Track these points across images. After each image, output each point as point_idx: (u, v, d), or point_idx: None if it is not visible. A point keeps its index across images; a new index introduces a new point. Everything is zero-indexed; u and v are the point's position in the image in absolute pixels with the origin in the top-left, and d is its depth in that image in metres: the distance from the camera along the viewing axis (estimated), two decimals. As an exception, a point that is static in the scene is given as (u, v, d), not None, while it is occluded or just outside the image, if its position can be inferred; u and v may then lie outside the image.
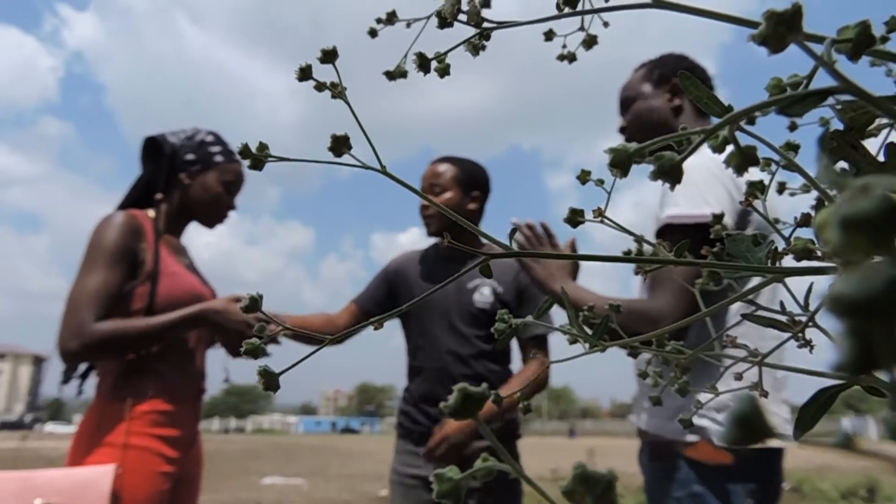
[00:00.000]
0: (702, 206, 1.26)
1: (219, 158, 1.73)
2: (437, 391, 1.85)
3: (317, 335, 0.32)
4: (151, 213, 1.67)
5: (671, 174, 0.28)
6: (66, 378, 1.61)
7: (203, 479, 1.72)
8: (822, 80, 0.29)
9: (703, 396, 0.46)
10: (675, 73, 1.54)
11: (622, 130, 1.63)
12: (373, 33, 0.37)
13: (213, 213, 1.75)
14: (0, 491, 1.35)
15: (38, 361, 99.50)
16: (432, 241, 2.02)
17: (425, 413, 1.86)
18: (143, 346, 1.52)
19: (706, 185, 1.29)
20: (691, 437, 1.30)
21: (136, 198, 1.70)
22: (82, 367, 1.63)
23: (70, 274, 1.57)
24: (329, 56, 0.32)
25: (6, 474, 1.38)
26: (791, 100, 0.28)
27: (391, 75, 0.36)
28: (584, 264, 1.61)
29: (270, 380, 0.32)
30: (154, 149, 1.72)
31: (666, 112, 1.54)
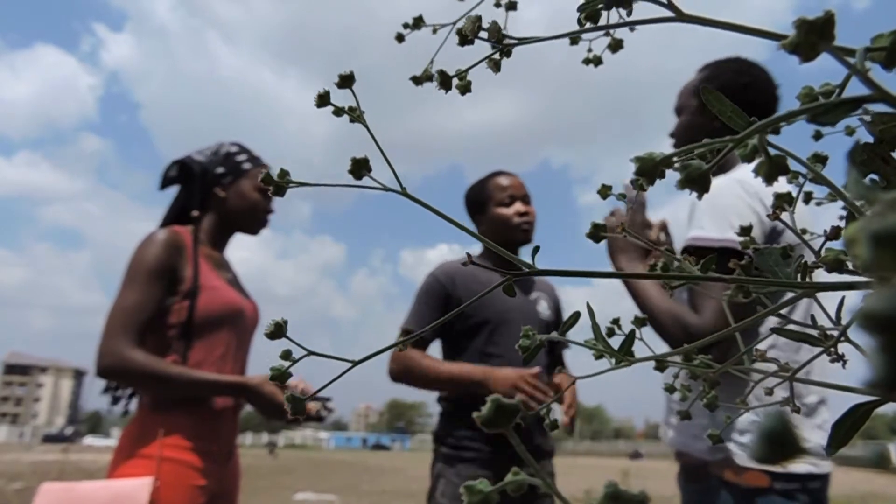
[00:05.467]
0: (727, 230, 1.26)
1: (247, 166, 1.79)
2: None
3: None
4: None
5: (698, 183, 0.27)
6: (114, 398, 1.66)
7: (236, 493, 1.73)
8: (853, 90, 0.29)
9: (741, 416, 0.45)
10: (725, 88, 1.48)
11: (672, 135, 1.61)
12: (400, 38, 0.38)
13: (253, 220, 1.79)
14: (44, 500, 1.40)
15: (79, 375, 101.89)
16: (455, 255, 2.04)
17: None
18: (172, 393, 1.55)
19: (732, 209, 1.28)
20: (721, 456, 1.28)
21: (174, 219, 1.75)
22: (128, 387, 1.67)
23: (109, 289, 1.62)
24: (346, 81, 0.33)
25: (52, 485, 1.45)
26: (824, 108, 0.28)
27: (418, 80, 0.37)
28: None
29: (297, 405, 0.33)
30: (183, 171, 1.77)
31: (705, 133, 1.51)
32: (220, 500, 1.59)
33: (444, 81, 0.35)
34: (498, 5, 0.38)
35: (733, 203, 1.29)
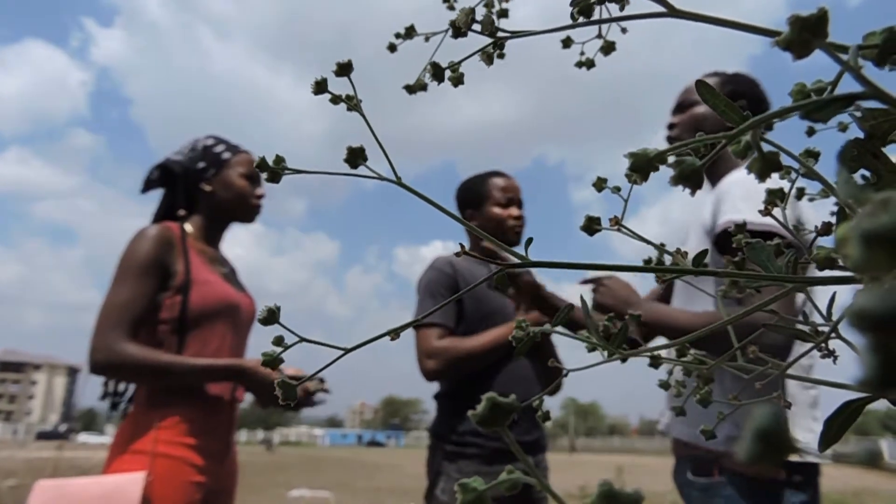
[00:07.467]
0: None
1: (226, 155, 1.78)
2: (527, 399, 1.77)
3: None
4: (188, 225, 1.71)
5: (691, 179, 0.27)
6: (113, 402, 1.65)
7: (232, 490, 1.71)
8: (846, 86, 0.29)
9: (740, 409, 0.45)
10: (745, 95, 1.54)
11: (670, 127, 1.63)
12: (392, 48, 0.38)
13: (245, 207, 1.79)
14: (39, 498, 1.39)
15: (73, 372, 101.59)
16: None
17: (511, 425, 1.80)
18: (168, 383, 1.54)
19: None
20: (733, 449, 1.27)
21: (162, 220, 1.74)
22: (125, 386, 1.66)
23: (103, 285, 1.61)
24: (344, 69, 0.32)
25: (45, 482, 1.44)
26: (816, 105, 0.28)
27: (411, 89, 0.37)
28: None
29: (288, 391, 0.33)
30: (165, 173, 1.77)
31: (719, 127, 1.52)
32: (217, 496, 1.58)
33: (437, 74, 0.35)
34: (490, 7, 0.38)
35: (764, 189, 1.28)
